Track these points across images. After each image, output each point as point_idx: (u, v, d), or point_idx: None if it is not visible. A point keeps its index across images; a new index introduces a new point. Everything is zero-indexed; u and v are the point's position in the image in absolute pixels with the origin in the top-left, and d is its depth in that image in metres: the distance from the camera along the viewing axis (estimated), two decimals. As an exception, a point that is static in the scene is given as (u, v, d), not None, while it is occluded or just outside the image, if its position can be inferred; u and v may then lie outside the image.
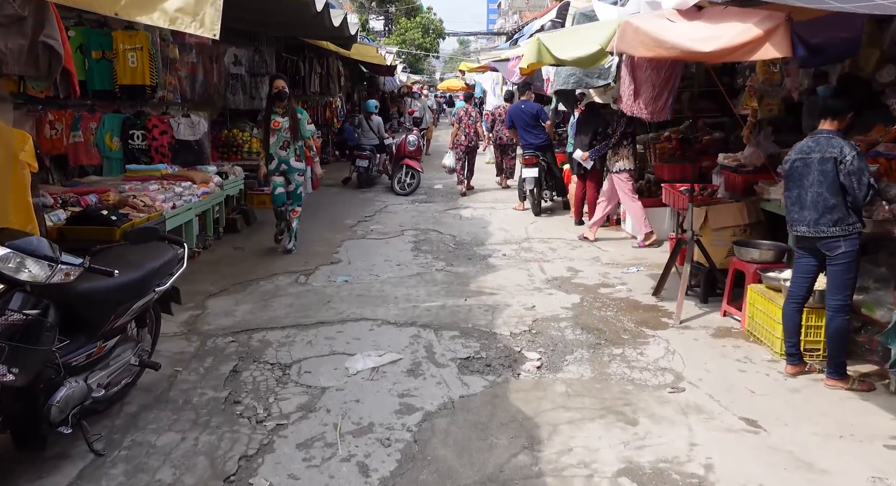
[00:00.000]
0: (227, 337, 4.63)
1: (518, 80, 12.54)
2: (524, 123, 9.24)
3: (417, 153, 11.66)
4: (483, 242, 7.75)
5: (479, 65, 18.31)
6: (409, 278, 6.20)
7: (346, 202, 10.69)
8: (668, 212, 7.52)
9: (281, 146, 6.87)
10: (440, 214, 9.56)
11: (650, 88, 6.57)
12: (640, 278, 6.14)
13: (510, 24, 51.73)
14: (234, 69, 11.65)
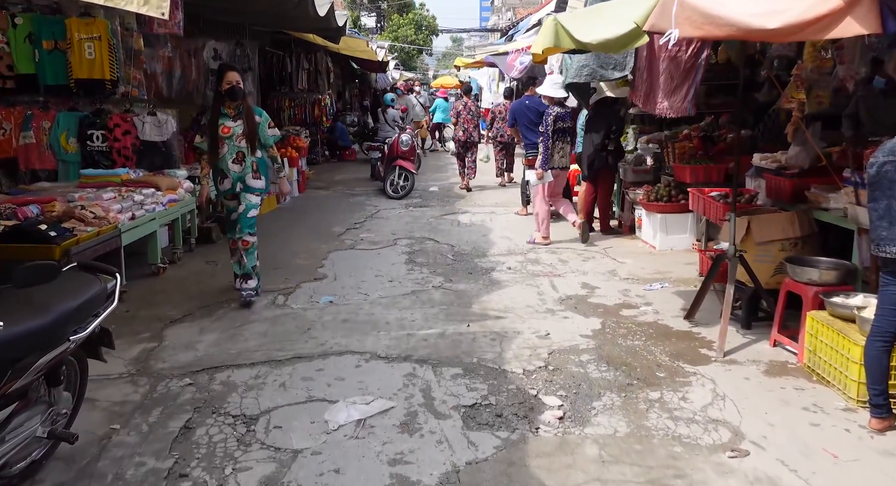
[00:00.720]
0: (183, 379, 3.84)
1: (518, 74, 11.81)
2: (528, 121, 8.48)
3: (411, 153, 10.89)
4: (485, 252, 6.98)
5: (475, 60, 17.54)
6: (402, 298, 5.43)
7: (335, 207, 9.90)
8: (689, 220, 6.78)
9: (234, 159, 5.16)
10: (436, 220, 8.78)
11: (669, 80, 5.82)
12: (666, 296, 5.39)
13: (504, 21, 50.98)
14: (214, 64, 10.84)
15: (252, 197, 5.30)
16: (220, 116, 5.12)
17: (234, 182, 5.23)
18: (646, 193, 7.00)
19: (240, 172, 5.22)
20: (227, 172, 5.20)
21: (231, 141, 5.13)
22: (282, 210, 9.60)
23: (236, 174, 5.21)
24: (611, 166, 7.39)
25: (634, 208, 7.50)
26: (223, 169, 5.19)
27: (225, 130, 5.10)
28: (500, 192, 11.29)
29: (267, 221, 8.66)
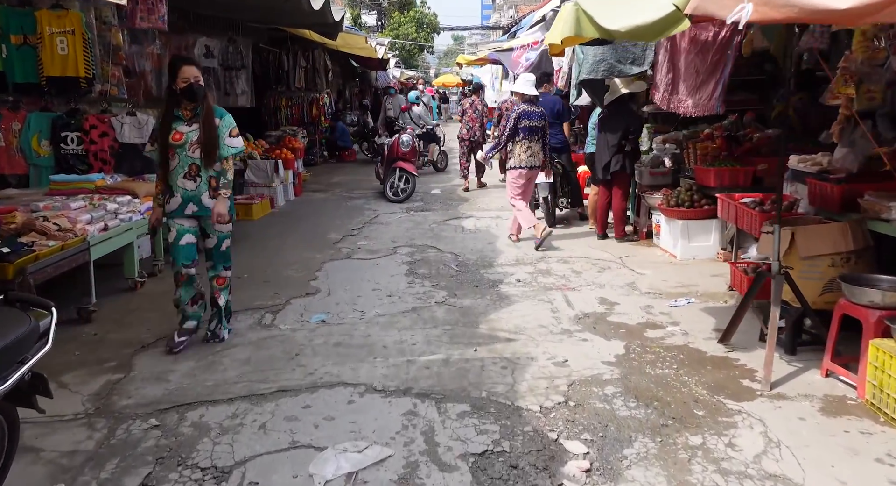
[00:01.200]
0: (148, 419, 3.33)
1: (522, 70, 11.27)
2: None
3: (412, 155, 10.37)
4: (491, 262, 6.47)
5: (478, 57, 17.00)
6: (402, 316, 4.91)
7: (332, 212, 9.39)
8: (713, 226, 6.26)
9: (186, 174, 4.13)
10: (439, 226, 8.27)
11: (693, 75, 5.30)
12: (694, 313, 4.87)
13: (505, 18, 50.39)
14: (205, 62, 10.37)
15: (222, 226, 4.33)
16: (174, 120, 4.14)
17: (184, 202, 4.17)
18: (665, 198, 6.47)
19: (192, 191, 4.16)
20: (176, 190, 4.16)
21: (183, 151, 4.10)
22: (275, 215, 9.10)
23: (188, 192, 4.15)
24: (627, 169, 6.86)
25: (652, 214, 6.98)
26: (171, 186, 4.18)
27: (177, 137, 4.09)
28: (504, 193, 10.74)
29: (259, 228, 8.16)
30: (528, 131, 6.91)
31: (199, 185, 4.18)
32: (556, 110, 7.91)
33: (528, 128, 6.91)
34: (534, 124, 6.93)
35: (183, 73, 4.06)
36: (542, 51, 10.73)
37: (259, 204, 8.87)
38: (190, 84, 4.06)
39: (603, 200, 7.16)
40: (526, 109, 6.96)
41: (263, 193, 9.54)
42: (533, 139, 6.94)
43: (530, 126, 6.91)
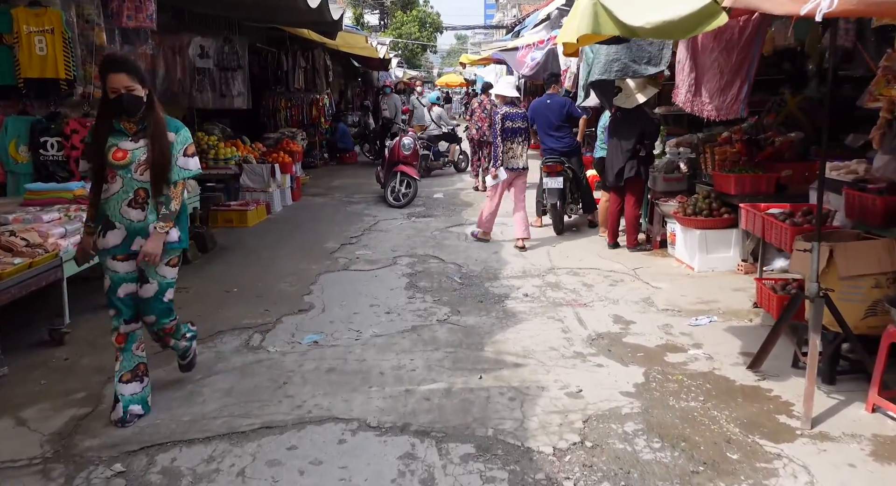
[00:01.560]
0: (113, 464, 2.97)
1: (529, 71, 10.91)
2: (547, 123, 7.57)
3: (413, 158, 10.00)
4: (496, 274, 6.10)
5: (482, 56, 16.63)
6: (401, 337, 4.55)
7: (331, 217, 9.03)
8: (733, 236, 5.87)
9: (131, 201, 3.28)
10: (441, 234, 7.90)
11: (717, 75, 4.91)
12: (717, 334, 4.49)
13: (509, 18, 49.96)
14: (200, 63, 10.03)
15: (166, 269, 3.43)
16: (110, 134, 3.28)
17: (129, 236, 3.30)
18: (681, 206, 6.09)
19: (140, 222, 3.30)
20: (117, 220, 3.28)
21: (128, 172, 3.25)
22: (271, 221, 8.75)
23: (134, 224, 3.29)
24: (642, 175, 6.48)
25: (666, 222, 6.60)
26: (110, 215, 3.28)
27: (119, 156, 3.23)
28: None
29: (253, 235, 7.80)
30: (511, 133, 6.94)
31: (148, 214, 3.31)
32: (566, 112, 7.52)
33: (511, 129, 6.93)
34: (516, 125, 6.95)
35: (110, 82, 3.17)
36: (548, 50, 10.37)
37: (254, 210, 8.52)
38: (120, 95, 3.19)
39: (614, 207, 6.79)
40: (508, 111, 7.01)
41: (259, 198, 9.18)
42: (515, 141, 6.97)
43: (513, 128, 6.94)
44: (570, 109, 7.52)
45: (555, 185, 7.35)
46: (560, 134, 7.54)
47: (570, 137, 7.63)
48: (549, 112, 7.57)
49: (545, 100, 7.73)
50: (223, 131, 10.54)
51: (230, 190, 9.30)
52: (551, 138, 7.58)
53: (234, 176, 9.29)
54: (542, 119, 7.60)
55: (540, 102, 7.81)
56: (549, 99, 7.70)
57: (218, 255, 6.89)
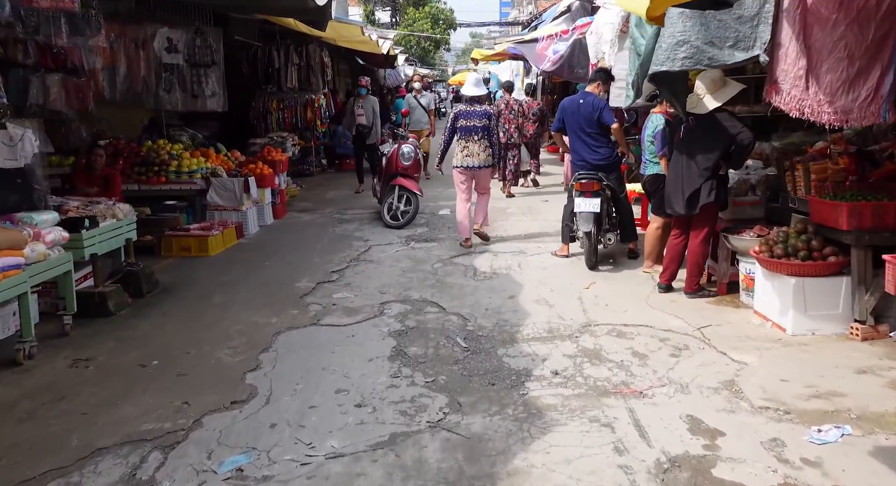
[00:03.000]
0: None
1: (551, 66, 9.32)
2: (579, 128, 6.01)
3: (414, 169, 8.47)
4: (513, 332, 4.54)
5: (496, 51, 15.04)
6: (370, 460, 3.01)
7: (314, 242, 7.51)
8: (844, 287, 4.26)
9: None
10: (444, 267, 6.35)
11: (842, 61, 3.31)
12: (862, 463, 2.89)
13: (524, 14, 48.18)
14: (168, 58, 8.63)
15: None
16: None
17: None
18: (765, 243, 4.48)
19: None
20: None
21: None
22: (241, 249, 7.24)
23: None
24: (719, 201, 4.86)
25: (738, 260, 4.99)
26: None
27: None
28: (529, 217, 8.80)
29: (212, 270, 6.30)
30: (465, 131, 6.87)
31: None
32: (597, 116, 5.95)
33: (465, 128, 6.86)
34: (472, 124, 6.84)
35: None
36: (573, 41, 8.78)
37: (218, 236, 7.02)
38: None
39: (677, 242, 5.17)
40: (464, 108, 6.97)
41: (229, 219, 7.70)
42: (471, 139, 6.86)
43: (467, 126, 6.86)
44: (601, 113, 5.93)
45: (590, 208, 5.77)
46: (596, 143, 5.96)
47: (607, 146, 6.05)
48: (579, 115, 6.00)
49: (577, 99, 6.16)
50: (193, 138, 9.09)
51: (195, 210, 7.83)
52: (584, 147, 6.00)
53: (199, 192, 7.83)
54: (572, 122, 6.04)
55: (572, 101, 6.22)
56: (582, 98, 6.12)
57: (155, 301, 5.40)
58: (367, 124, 10.71)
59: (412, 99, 11.84)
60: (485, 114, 6.95)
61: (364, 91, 10.88)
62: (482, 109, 6.99)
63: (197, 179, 7.77)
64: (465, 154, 6.91)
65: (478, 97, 7.07)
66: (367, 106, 10.73)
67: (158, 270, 6.14)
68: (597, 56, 7.78)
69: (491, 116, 7.04)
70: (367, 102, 10.81)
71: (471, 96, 7.00)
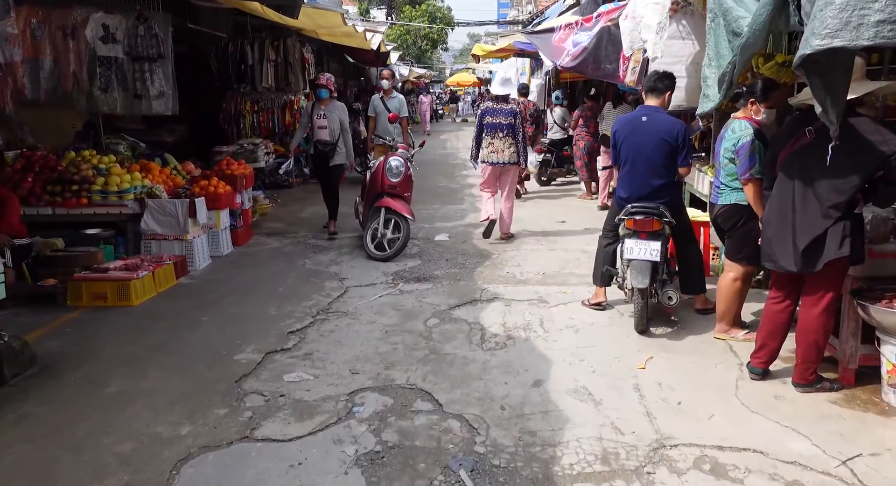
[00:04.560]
0: None
1: (572, 62, 7.69)
2: (636, 154, 4.39)
3: (405, 187, 6.85)
4: (548, 464, 2.92)
5: (500, 47, 13.41)
6: None
7: (275, 281, 5.88)
8: None
9: None
10: (442, 324, 4.73)
11: None
12: None
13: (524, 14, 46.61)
14: (104, 49, 7.04)
15: None
16: None
17: None
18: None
19: None
20: None
21: None
22: (176, 294, 5.57)
23: None
24: (855, 254, 3.23)
25: (879, 339, 3.38)
26: None
27: None
28: (545, 245, 7.17)
29: (124, 332, 4.61)
30: (491, 128, 6.95)
31: None
32: (677, 144, 4.34)
33: (491, 125, 6.95)
34: (498, 121, 6.94)
35: None
36: (600, 30, 7.17)
37: (147, 278, 5.37)
38: None
39: (781, 310, 3.54)
40: (490, 106, 7.06)
41: (168, 253, 6.08)
42: (496, 136, 6.95)
43: (493, 123, 6.94)
44: (682, 140, 4.31)
45: (646, 255, 4.15)
46: (661, 181, 4.35)
47: (671, 181, 4.42)
48: (645, 139, 4.38)
49: (637, 117, 4.52)
50: (132, 148, 7.46)
51: (127, 240, 6.21)
52: (642, 181, 4.38)
53: (132, 218, 6.20)
54: (630, 148, 4.41)
55: (629, 121, 4.59)
56: (645, 115, 4.45)
57: (18, 393, 3.71)
58: (330, 140, 7.46)
59: (378, 102, 8.53)
60: (511, 112, 6.98)
61: (325, 93, 7.58)
62: (508, 108, 7.03)
63: (128, 200, 6.14)
64: (490, 150, 7.00)
65: (504, 96, 7.13)
66: (331, 114, 7.51)
67: (49, 333, 4.51)
68: (632, 46, 6.20)
69: (517, 114, 7.02)
70: (332, 110, 7.56)
71: (494, 95, 7.14)
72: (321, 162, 7.66)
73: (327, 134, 7.47)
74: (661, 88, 4.50)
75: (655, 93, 4.53)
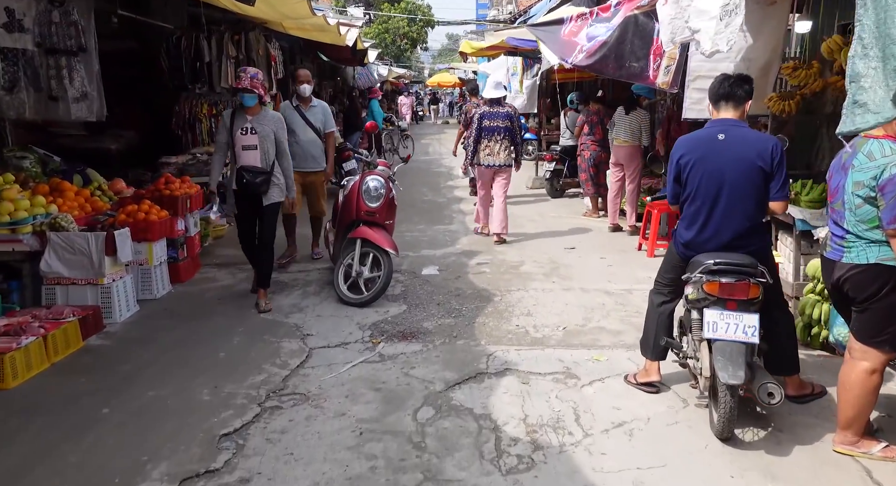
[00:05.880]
0: None
1: (587, 60, 6.40)
2: (718, 188, 3.11)
3: (386, 214, 5.50)
4: None
5: (491, 44, 12.08)
6: None
7: (215, 340, 4.48)
8: None
9: None
10: (438, 419, 3.39)
11: None
12: None
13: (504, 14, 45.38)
14: (8, 39, 5.67)
15: None
16: None
17: None
18: None
19: None
20: None
21: None
22: (77, 367, 4.11)
23: None
24: None
25: None
26: None
27: None
28: (557, 282, 5.87)
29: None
30: (488, 131, 7.09)
31: None
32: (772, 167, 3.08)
33: (489, 128, 7.08)
34: (495, 124, 7.09)
35: None
36: (624, 20, 5.90)
37: (34, 346, 3.93)
38: None
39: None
40: (487, 110, 7.15)
41: (75, 303, 4.66)
42: (493, 139, 7.10)
43: (490, 126, 7.09)
44: (779, 162, 3.05)
45: (738, 334, 2.88)
46: (748, 222, 3.08)
47: (762, 221, 3.14)
48: (727, 165, 3.12)
49: (712, 135, 3.20)
50: (41, 162, 6.01)
51: (22, 286, 4.77)
52: (723, 222, 3.12)
53: (30, 256, 4.76)
54: (704, 178, 3.16)
55: (699, 140, 3.28)
56: (721, 132, 3.16)
57: None
58: (261, 167, 5.06)
59: (292, 113, 6.23)
60: (507, 115, 7.14)
61: (251, 100, 5.06)
62: (505, 111, 7.16)
63: (24, 234, 4.70)
64: (487, 153, 7.15)
65: (498, 99, 7.22)
66: (262, 129, 5.08)
67: None
68: (674, 38, 4.91)
69: (513, 117, 7.19)
70: (263, 122, 5.11)
71: (489, 99, 7.23)
72: (248, 200, 5.12)
73: (257, 158, 5.03)
74: (742, 94, 3.23)
75: (733, 101, 3.25)
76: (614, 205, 7.97)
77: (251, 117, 5.14)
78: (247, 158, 5.09)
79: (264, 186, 5.07)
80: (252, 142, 5.08)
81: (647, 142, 7.81)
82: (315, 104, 6.50)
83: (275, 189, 5.17)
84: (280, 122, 5.27)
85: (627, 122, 7.71)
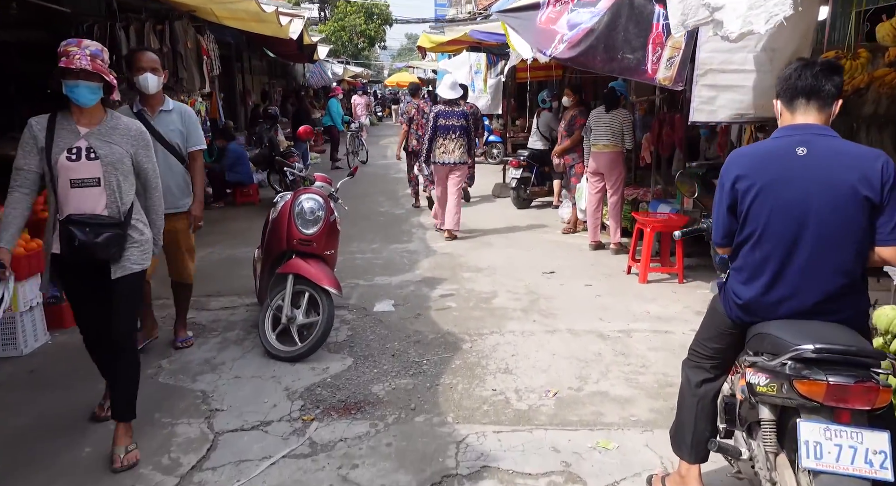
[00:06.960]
0: None
1: (568, 52, 5.36)
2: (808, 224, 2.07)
3: (326, 242, 4.34)
4: None
5: (452, 38, 10.97)
6: None
7: (82, 432, 3.26)
8: None
9: None
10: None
11: None
12: None
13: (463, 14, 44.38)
14: None
15: None
16: None
17: None
18: None
19: None
20: None
21: None
22: None
23: None
24: None
25: None
26: None
27: None
28: (539, 322, 4.80)
29: None
30: (444, 130, 7.17)
31: None
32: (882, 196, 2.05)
33: (444, 127, 7.17)
34: (450, 123, 7.16)
35: None
36: (615, 3, 4.88)
37: None
38: None
39: None
40: (443, 109, 7.22)
41: None
42: (448, 137, 7.16)
43: (446, 125, 7.16)
44: (891, 187, 2.02)
45: (862, 466, 1.83)
46: (844, 279, 2.06)
47: (861, 275, 2.12)
48: (813, 192, 2.08)
49: (788, 147, 2.12)
50: None
51: None
52: (808, 275, 2.10)
53: None
54: (777, 211, 2.12)
55: (769, 155, 2.17)
56: (801, 144, 2.09)
57: None
58: (106, 216, 2.93)
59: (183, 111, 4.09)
60: (462, 114, 7.21)
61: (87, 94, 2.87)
62: (460, 110, 7.23)
63: None
64: (442, 151, 7.21)
65: (454, 99, 7.25)
66: (110, 150, 2.92)
67: None
68: (685, 21, 3.89)
69: (468, 116, 7.26)
70: (112, 138, 2.94)
71: (447, 98, 7.25)
72: (84, 273, 3.01)
73: (100, 200, 2.93)
74: (831, 90, 2.18)
75: (817, 99, 2.20)
76: (595, 220, 6.96)
77: (87, 129, 2.92)
78: (80, 202, 2.89)
79: (114, 249, 2.93)
80: (90, 173, 2.88)
81: (629, 145, 6.74)
82: (171, 107, 4.00)
83: (133, 251, 3.01)
84: (141, 136, 3.06)
85: (608, 123, 6.67)
